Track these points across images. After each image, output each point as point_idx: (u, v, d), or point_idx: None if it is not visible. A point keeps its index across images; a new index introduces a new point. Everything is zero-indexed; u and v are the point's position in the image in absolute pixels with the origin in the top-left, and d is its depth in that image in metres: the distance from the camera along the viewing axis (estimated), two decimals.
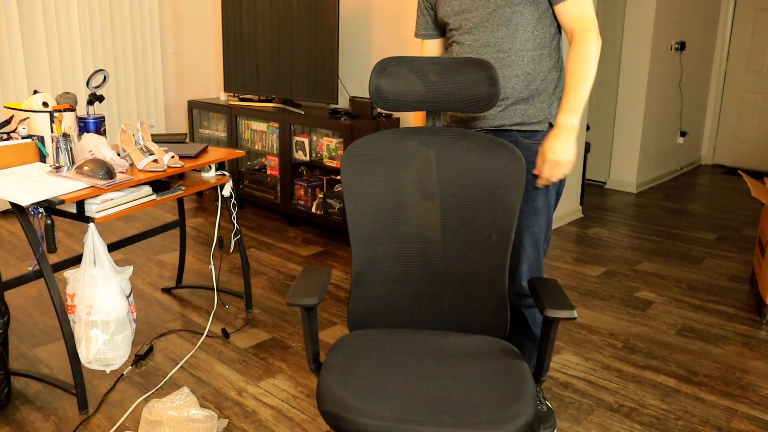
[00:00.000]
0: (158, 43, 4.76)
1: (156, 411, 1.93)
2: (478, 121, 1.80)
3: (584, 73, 1.68)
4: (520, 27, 1.71)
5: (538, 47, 1.74)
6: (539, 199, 1.80)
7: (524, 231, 1.83)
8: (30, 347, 2.52)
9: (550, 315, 1.36)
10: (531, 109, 1.76)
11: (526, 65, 1.73)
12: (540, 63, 1.74)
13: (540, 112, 1.77)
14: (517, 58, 1.72)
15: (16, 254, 3.49)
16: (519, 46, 1.72)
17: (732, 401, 2.24)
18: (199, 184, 2.50)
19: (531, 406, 1.30)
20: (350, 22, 4.03)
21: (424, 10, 1.93)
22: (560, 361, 2.49)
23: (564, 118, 1.69)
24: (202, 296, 3.01)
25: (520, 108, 1.76)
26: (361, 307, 1.63)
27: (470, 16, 1.75)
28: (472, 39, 1.75)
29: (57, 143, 2.18)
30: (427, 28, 1.96)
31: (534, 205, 1.81)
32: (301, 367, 2.42)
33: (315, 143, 3.84)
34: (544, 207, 1.82)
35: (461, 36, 1.78)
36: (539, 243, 1.86)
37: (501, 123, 1.78)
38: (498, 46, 1.72)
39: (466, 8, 1.75)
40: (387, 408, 1.27)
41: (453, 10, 1.78)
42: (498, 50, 1.73)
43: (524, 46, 1.72)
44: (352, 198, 1.56)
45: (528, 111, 1.76)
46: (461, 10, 1.76)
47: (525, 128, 1.77)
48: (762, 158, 5.90)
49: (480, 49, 1.74)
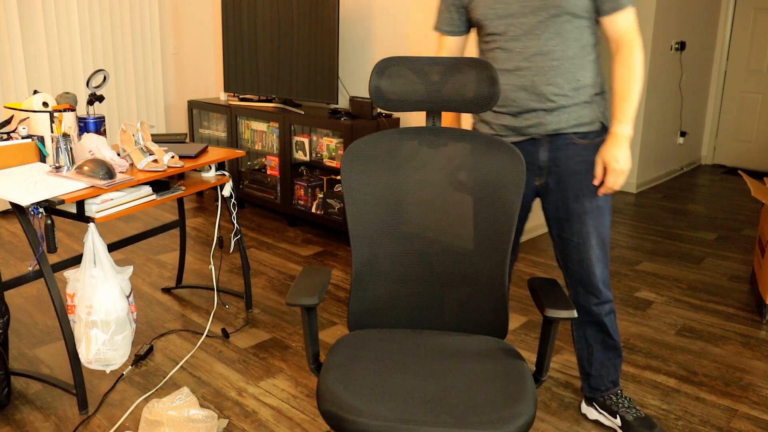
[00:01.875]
0: (158, 43, 4.76)
1: (156, 411, 1.93)
2: (533, 128, 1.80)
3: (635, 83, 1.75)
4: (570, 35, 1.72)
5: (586, 54, 1.76)
6: (602, 198, 1.85)
7: (591, 233, 1.87)
8: (30, 347, 2.52)
9: (550, 315, 1.36)
10: (583, 111, 1.79)
11: (576, 72, 1.75)
12: (588, 69, 1.77)
13: (591, 113, 1.81)
14: (570, 66, 1.74)
15: (16, 254, 3.49)
16: (570, 54, 1.73)
17: (732, 401, 2.24)
18: (199, 184, 2.50)
19: (531, 406, 1.30)
20: (350, 22, 4.03)
21: (451, 6, 1.88)
22: (560, 361, 2.49)
23: (620, 128, 1.75)
24: (202, 296, 3.01)
25: (573, 112, 1.79)
26: (361, 307, 1.63)
27: (518, 23, 1.72)
28: (522, 46, 1.73)
29: (57, 143, 2.18)
30: (451, 24, 1.90)
31: (598, 204, 1.85)
32: (301, 367, 2.42)
33: (315, 143, 3.84)
34: (606, 205, 1.87)
35: (508, 43, 1.75)
36: (606, 243, 1.91)
37: (557, 128, 1.79)
38: (551, 54, 1.72)
39: (513, 13, 1.72)
40: (387, 408, 1.27)
41: (497, 14, 1.74)
42: (551, 59, 1.73)
43: (574, 54, 1.73)
44: (352, 198, 1.56)
45: (581, 113, 1.79)
46: (507, 15, 1.73)
47: (579, 130, 1.81)
48: (762, 158, 5.90)
49: (532, 57, 1.73)
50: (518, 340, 2.64)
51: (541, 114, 1.78)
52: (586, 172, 1.83)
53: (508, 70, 1.76)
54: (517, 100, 1.78)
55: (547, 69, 1.73)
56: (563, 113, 1.78)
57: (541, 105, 1.77)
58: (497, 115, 1.84)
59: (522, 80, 1.75)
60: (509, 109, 1.81)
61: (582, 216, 1.86)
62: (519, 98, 1.77)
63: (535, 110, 1.78)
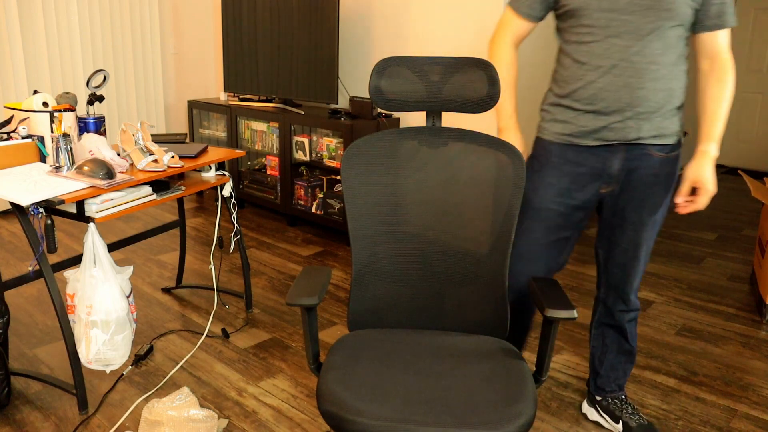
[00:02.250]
0: (158, 43, 4.76)
1: (156, 411, 1.93)
2: (614, 132, 1.72)
3: (728, 103, 1.71)
4: (670, 42, 1.65)
5: (680, 63, 1.70)
6: (660, 212, 1.83)
7: (641, 244, 1.85)
8: (30, 347, 2.52)
9: (550, 315, 1.36)
10: (666, 122, 1.73)
11: (670, 80, 1.68)
12: (680, 79, 1.71)
13: (672, 125, 1.74)
14: (666, 72, 1.67)
15: (16, 254, 3.49)
16: (667, 61, 1.66)
17: (732, 401, 2.24)
18: (199, 184, 2.50)
19: (531, 406, 1.30)
20: (350, 22, 4.03)
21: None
22: (560, 361, 2.49)
23: (711, 147, 1.71)
24: (202, 296, 3.01)
25: (657, 122, 1.72)
26: (361, 307, 1.63)
27: (623, 20, 1.63)
28: (623, 45, 1.64)
29: (57, 143, 2.18)
30: (531, 7, 1.78)
31: (655, 218, 1.83)
32: (301, 367, 2.42)
33: (315, 143, 3.84)
34: (661, 221, 1.86)
35: (608, 38, 1.65)
36: (648, 256, 1.91)
37: (638, 136, 1.72)
38: (651, 57, 1.65)
39: (619, 8, 1.63)
40: (387, 408, 1.27)
41: (601, 6, 1.64)
42: (650, 62, 1.65)
43: (671, 62, 1.67)
44: (352, 198, 1.56)
45: (664, 124, 1.73)
46: (612, 9, 1.63)
47: (658, 141, 1.75)
48: (762, 158, 5.90)
49: (632, 57, 1.64)
50: None
51: (626, 119, 1.70)
52: (654, 185, 1.78)
53: (604, 68, 1.67)
54: (607, 100, 1.69)
55: (644, 72, 1.65)
56: (648, 122, 1.71)
57: (630, 109, 1.68)
58: (577, 114, 1.75)
59: (616, 80, 1.67)
60: (595, 107, 1.71)
61: (638, 226, 1.83)
62: (609, 98, 1.69)
63: (621, 114, 1.70)
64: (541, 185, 1.82)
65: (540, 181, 1.82)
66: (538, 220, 1.84)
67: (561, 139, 1.78)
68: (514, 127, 1.87)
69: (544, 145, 1.82)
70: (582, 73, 1.70)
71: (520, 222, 1.87)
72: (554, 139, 1.80)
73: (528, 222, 1.85)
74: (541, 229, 1.84)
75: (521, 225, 1.87)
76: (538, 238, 1.85)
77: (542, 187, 1.82)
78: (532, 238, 1.85)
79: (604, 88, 1.68)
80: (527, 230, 1.86)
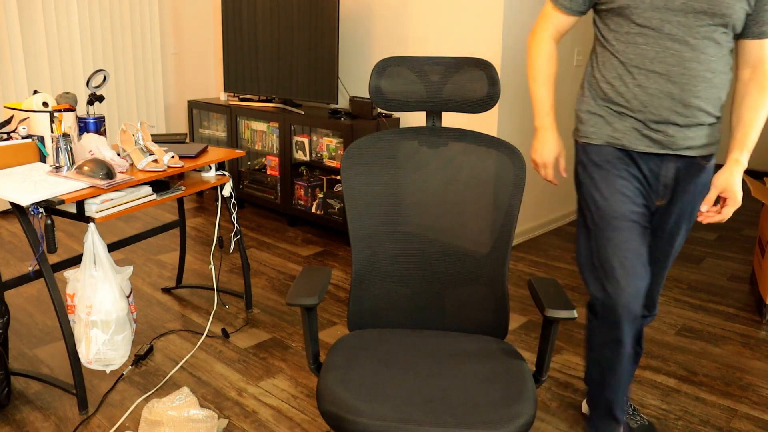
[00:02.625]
0: (158, 43, 4.76)
1: (156, 411, 1.93)
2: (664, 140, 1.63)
3: (766, 112, 1.63)
4: (723, 48, 1.57)
5: (729, 71, 1.63)
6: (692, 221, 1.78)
7: (673, 253, 1.81)
8: (30, 347, 2.52)
9: (550, 315, 1.36)
10: (712, 131, 1.66)
11: (721, 89, 1.61)
12: (727, 88, 1.64)
13: (715, 134, 1.68)
14: (719, 81, 1.59)
15: (16, 254, 3.49)
16: (721, 68, 1.58)
17: (732, 401, 2.24)
18: (199, 184, 2.50)
19: (531, 406, 1.30)
20: (350, 22, 4.03)
21: None
22: (560, 361, 2.49)
23: (743, 156, 1.62)
24: (202, 296, 3.01)
25: (705, 131, 1.65)
26: (361, 307, 1.63)
27: (677, 21, 1.53)
28: (679, 48, 1.54)
29: (57, 143, 2.18)
30: (574, 1, 1.68)
31: (688, 227, 1.78)
32: (301, 367, 2.42)
33: (315, 143, 3.84)
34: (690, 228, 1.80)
35: (662, 40, 1.55)
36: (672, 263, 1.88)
37: (690, 145, 1.64)
38: (707, 64, 1.56)
39: (673, 8, 1.52)
40: (387, 408, 1.27)
41: (653, 4, 1.53)
42: (706, 69, 1.56)
43: (723, 69, 1.59)
44: (352, 198, 1.56)
45: (710, 133, 1.66)
46: (665, 8, 1.53)
47: (704, 152, 1.67)
48: (762, 158, 5.90)
49: (688, 63, 1.55)
50: (518, 340, 2.64)
51: (678, 128, 1.62)
52: (695, 195, 1.71)
53: (657, 72, 1.57)
54: (659, 109, 1.59)
55: (700, 80, 1.56)
56: (698, 131, 1.63)
57: (683, 118, 1.60)
58: (627, 119, 1.65)
59: (671, 86, 1.57)
60: (644, 116, 1.62)
61: (673, 236, 1.77)
62: (661, 106, 1.59)
63: (674, 123, 1.61)
64: (614, 192, 1.68)
65: (609, 188, 1.68)
66: (627, 229, 1.67)
67: (614, 142, 1.68)
68: (551, 126, 1.78)
69: (598, 150, 1.71)
70: (632, 78, 1.61)
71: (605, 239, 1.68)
72: (607, 142, 1.69)
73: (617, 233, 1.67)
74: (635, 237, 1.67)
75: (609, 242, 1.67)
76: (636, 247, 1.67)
77: (616, 194, 1.68)
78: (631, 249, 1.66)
79: (656, 95, 1.59)
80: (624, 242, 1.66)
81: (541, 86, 1.75)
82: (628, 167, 1.69)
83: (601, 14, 1.66)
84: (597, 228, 1.69)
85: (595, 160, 1.71)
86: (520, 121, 3.59)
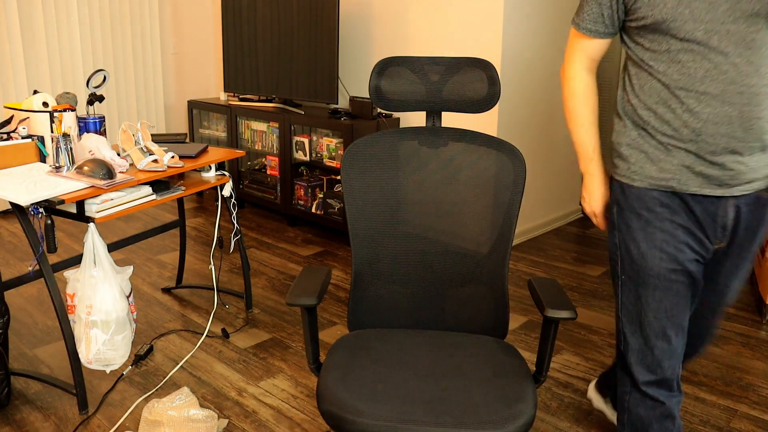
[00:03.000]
0: (158, 43, 4.76)
1: (156, 411, 1.93)
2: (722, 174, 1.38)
3: None
4: None
5: None
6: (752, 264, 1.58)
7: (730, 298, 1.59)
8: (30, 347, 2.52)
9: (550, 315, 1.36)
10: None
11: None
12: None
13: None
14: None
15: (16, 254, 3.49)
16: None
17: (732, 401, 2.24)
18: (199, 184, 2.50)
19: (531, 406, 1.30)
20: (350, 22, 4.03)
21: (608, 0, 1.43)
22: (560, 361, 2.49)
23: None
24: (202, 296, 3.01)
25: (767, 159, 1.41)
26: (361, 307, 1.63)
27: (725, 30, 1.29)
28: (732, 63, 1.30)
29: (57, 143, 2.18)
30: (597, 22, 1.46)
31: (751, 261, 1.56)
32: (301, 367, 2.42)
33: (315, 143, 3.84)
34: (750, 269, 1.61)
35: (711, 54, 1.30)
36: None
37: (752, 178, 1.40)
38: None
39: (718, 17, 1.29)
40: (387, 408, 1.27)
41: (694, 15, 1.30)
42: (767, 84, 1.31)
43: None
44: (352, 198, 1.56)
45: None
46: (709, 18, 1.29)
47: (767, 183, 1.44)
48: None
49: (746, 79, 1.30)
50: (518, 340, 2.64)
51: (738, 157, 1.36)
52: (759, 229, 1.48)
53: (710, 94, 1.32)
54: (715, 136, 1.34)
55: (763, 97, 1.31)
56: (763, 158, 1.38)
57: (743, 145, 1.35)
58: (675, 153, 1.40)
59: (728, 108, 1.32)
60: (697, 147, 1.37)
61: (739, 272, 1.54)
62: (717, 133, 1.34)
63: (733, 152, 1.35)
64: (652, 247, 1.45)
65: (647, 242, 1.45)
66: (665, 289, 1.46)
67: (661, 184, 1.43)
68: (597, 171, 1.56)
69: (639, 194, 1.46)
70: (679, 102, 1.36)
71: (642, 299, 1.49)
72: (650, 185, 1.44)
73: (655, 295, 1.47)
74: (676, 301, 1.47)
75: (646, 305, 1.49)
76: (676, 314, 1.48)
77: (654, 250, 1.45)
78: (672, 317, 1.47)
79: (710, 120, 1.34)
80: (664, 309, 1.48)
81: (580, 128, 1.54)
82: (674, 216, 1.44)
83: (630, 32, 1.43)
84: (631, 282, 1.50)
85: (634, 206, 1.47)
86: (520, 121, 3.59)
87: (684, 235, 1.44)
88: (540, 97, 3.70)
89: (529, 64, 3.55)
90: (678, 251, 1.44)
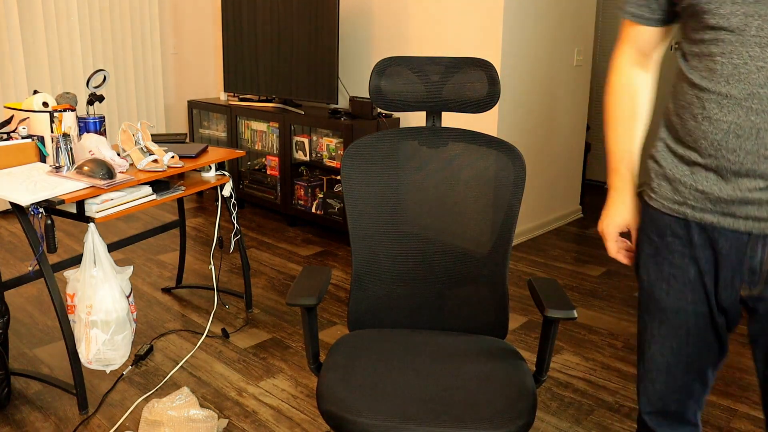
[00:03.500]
0: (158, 43, 4.76)
1: (156, 411, 1.93)
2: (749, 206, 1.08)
3: None
4: None
5: None
6: None
7: None
8: (30, 347, 2.52)
9: (550, 315, 1.36)
10: None
11: None
12: None
13: None
14: None
15: (16, 254, 3.49)
16: None
17: (732, 401, 2.24)
18: (199, 184, 2.50)
19: (531, 406, 1.30)
20: (350, 21, 4.03)
21: None
22: (560, 361, 2.49)
23: None
24: (202, 296, 3.01)
25: None
26: (361, 307, 1.63)
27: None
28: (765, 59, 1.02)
29: (57, 143, 2.18)
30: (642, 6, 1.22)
31: None
32: (301, 367, 2.42)
33: (315, 143, 3.84)
34: None
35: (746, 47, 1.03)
36: None
37: None
38: None
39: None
40: (387, 408, 1.27)
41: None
42: None
43: None
44: (352, 198, 1.56)
45: None
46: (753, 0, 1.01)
47: None
48: None
49: None
50: (518, 340, 2.64)
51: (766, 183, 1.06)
52: None
53: (734, 97, 1.05)
54: (738, 153, 1.06)
55: None
56: None
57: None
58: (694, 171, 1.14)
59: (756, 118, 1.03)
60: (717, 164, 1.09)
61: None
62: (740, 148, 1.06)
63: (762, 176, 1.05)
64: (659, 278, 1.24)
65: (656, 272, 1.25)
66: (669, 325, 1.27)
67: (671, 209, 1.20)
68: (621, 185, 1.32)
69: (654, 218, 1.24)
70: (701, 107, 1.10)
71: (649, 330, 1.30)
72: (663, 207, 1.21)
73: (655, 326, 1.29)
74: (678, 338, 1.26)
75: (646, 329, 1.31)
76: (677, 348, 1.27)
77: (660, 281, 1.24)
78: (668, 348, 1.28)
79: (732, 131, 1.06)
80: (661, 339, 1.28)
81: (610, 130, 1.31)
82: (688, 249, 1.19)
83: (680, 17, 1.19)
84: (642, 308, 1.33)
85: (647, 229, 1.27)
86: (520, 121, 3.59)
87: (697, 274, 1.20)
88: (540, 97, 3.70)
89: (529, 64, 3.55)
90: (689, 290, 1.22)
